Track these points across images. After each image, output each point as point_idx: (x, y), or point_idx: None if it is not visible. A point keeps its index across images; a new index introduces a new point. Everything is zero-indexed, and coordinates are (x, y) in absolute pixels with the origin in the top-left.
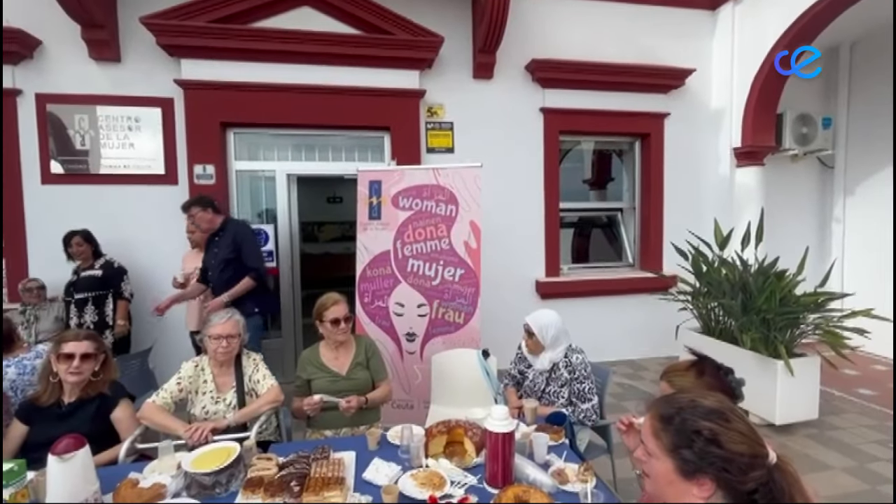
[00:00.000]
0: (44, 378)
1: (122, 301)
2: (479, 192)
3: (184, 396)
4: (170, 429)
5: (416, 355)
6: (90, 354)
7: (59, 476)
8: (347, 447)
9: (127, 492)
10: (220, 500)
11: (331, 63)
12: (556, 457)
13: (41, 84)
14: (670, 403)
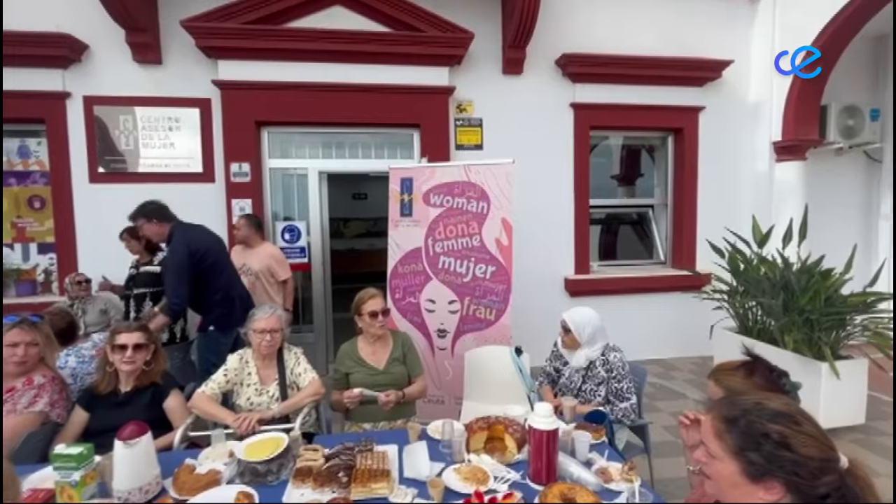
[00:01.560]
0: (101, 368)
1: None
2: (510, 189)
3: (230, 388)
4: (218, 418)
5: (447, 351)
6: (142, 345)
7: (124, 460)
8: (389, 440)
9: (185, 477)
10: (272, 488)
11: (361, 61)
12: (598, 455)
13: (88, 87)
14: (734, 405)
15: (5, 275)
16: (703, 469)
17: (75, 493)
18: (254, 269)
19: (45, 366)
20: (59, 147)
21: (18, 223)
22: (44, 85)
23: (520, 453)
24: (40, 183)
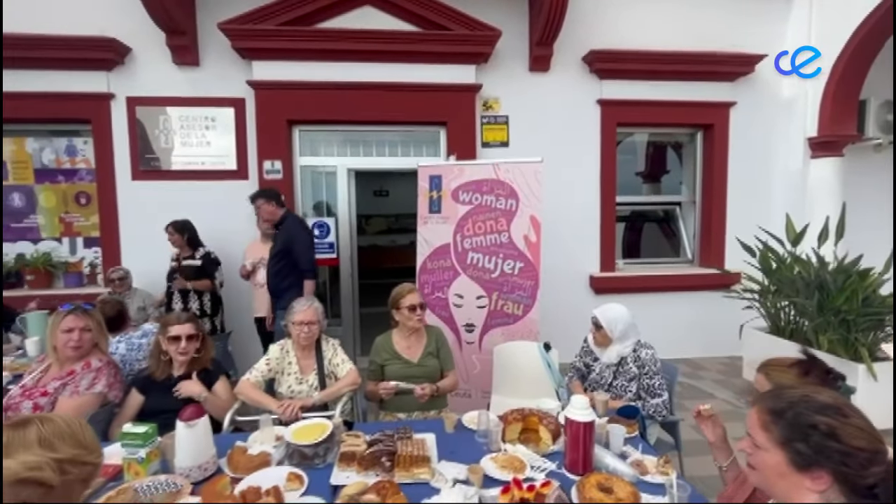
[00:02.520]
0: (155, 356)
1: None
2: (539, 187)
3: (272, 376)
4: (263, 404)
5: (475, 345)
6: (193, 335)
7: (185, 439)
8: (425, 429)
9: (239, 457)
10: (319, 470)
11: (390, 60)
12: (632, 448)
13: (131, 88)
14: (780, 397)
15: (55, 266)
16: (749, 461)
17: (141, 468)
18: None
19: (99, 350)
20: (104, 146)
21: (66, 218)
22: (89, 87)
23: (554, 444)
24: (86, 180)
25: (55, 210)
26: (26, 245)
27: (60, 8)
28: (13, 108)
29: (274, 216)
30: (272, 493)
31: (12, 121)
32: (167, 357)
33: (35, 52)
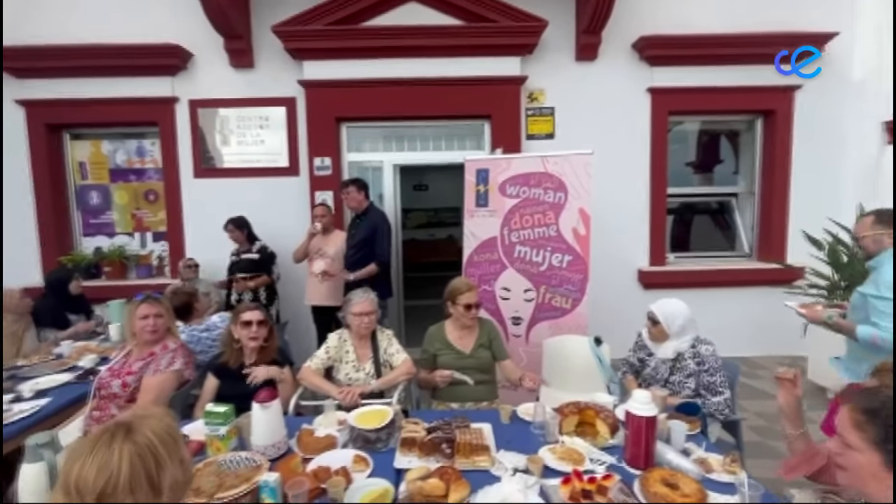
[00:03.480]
0: (228, 344)
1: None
2: (589, 180)
3: (331, 364)
4: (324, 390)
5: (522, 338)
6: (264, 321)
7: (260, 420)
8: (481, 419)
9: (307, 438)
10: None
11: (434, 55)
12: (695, 445)
13: (193, 91)
14: (874, 396)
15: (128, 259)
16: (837, 460)
17: (222, 444)
18: (329, 253)
19: (171, 334)
20: (169, 146)
21: (137, 214)
22: (156, 91)
23: (612, 438)
24: (154, 179)
25: (128, 207)
26: (103, 239)
27: (130, 18)
28: (91, 113)
29: (361, 205)
30: (341, 473)
31: (90, 125)
32: (239, 345)
33: (109, 60)
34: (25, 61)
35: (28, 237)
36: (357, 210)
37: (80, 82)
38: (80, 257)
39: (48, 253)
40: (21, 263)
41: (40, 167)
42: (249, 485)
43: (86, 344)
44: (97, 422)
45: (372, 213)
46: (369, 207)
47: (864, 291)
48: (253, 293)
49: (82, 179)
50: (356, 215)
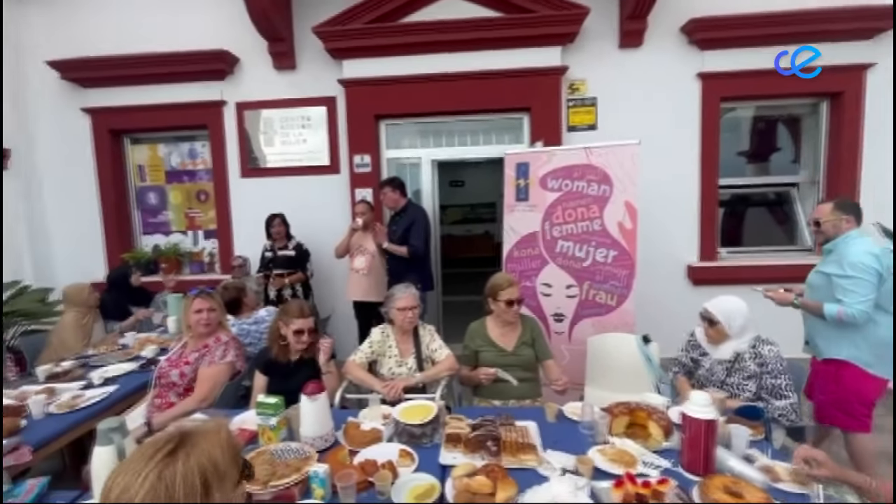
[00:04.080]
0: (275, 341)
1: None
2: (636, 171)
3: (374, 358)
4: (368, 383)
5: (564, 336)
6: (314, 329)
7: (309, 412)
8: (525, 417)
9: (354, 431)
10: (426, 449)
11: (473, 48)
12: (758, 452)
13: (239, 94)
14: None
15: (183, 256)
16: None
17: (273, 434)
18: (370, 249)
19: (223, 327)
20: (218, 148)
21: (189, 213)
22: (206, 96)
23: (666, 441)
24: (205, 179)
25: (181, 206)
26: (160, 237)
27: (181, 28)
28: (148, 118)
29: (397, 204)
30: (387, 467)
31: (148, 130)
32: (285, 342)
33: (163, 68)
34: (88, 72)
35: (95, 236)
36: (395, 209)
37: (137, 90)
38: (140, 254)
39: (112, 250)
40: (89, 260)
41: (105, 171)
42: (300, 475)
43: (147, 335)
44: (158, 409)
45: (410, 210)
46: (407, 204)
47: (827, 271)
48: (291, 289)
49: (141, 181)
50: (395, 213)
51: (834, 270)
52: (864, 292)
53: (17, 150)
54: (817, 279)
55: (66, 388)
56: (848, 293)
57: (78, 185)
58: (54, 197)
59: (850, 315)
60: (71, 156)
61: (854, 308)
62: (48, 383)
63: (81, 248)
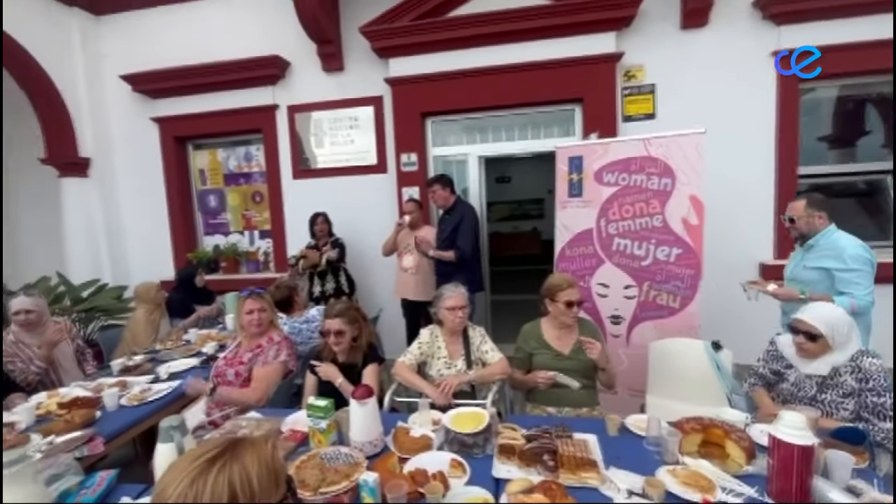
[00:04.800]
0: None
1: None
2: (701, 163)
3: (423, 359)
4: (418, 386)
5: (622, 339)
6: (342, 331)
7: (358, 416)
8: (583, 428)
9: (403, 437)
10: (478, 459)
11: (521, 39)
12: (864, 483)
13: (290, 97)
14: None
15: (240, 255)
16: None
17: (323, 437)
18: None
19: (274, 326)
20: (272, 150)
21: (246, 214)
22: (259, 101)
23: (749, 465)
24: (259, 181)
25: (239, 208)
26: (220, 238)
27: (235, 36)
28: (208, 124)
29: (447, 202)
30: (438, 478)
31: (208, 136)
32: None
33: (220, 76)
34: (156, 83)
35: (163, 237)
36: (444, 206)
37: (198, 98)
38: (202, 254)
39: (179, 251)
40: (158, 260)
41: (171, 176)
42: (350, 482)
43: (208, 332)
44: (217, 405)
45: (459, 207)
46: (456, 202)
47: (827, 266)
48: (335, 283)
49: (202, 185)
50: (444, 211)
51: (834, 265)
52: (868, 284)
53: (97, 159)
54: (811, 274)
55: (136, 382)
56: (854, 286)
57: (148, 190)
58: (129, 201)
59: (861, 307)
60: (142, 163)
61: (864, 300)
62: (121, 376)
63: (152, 249)
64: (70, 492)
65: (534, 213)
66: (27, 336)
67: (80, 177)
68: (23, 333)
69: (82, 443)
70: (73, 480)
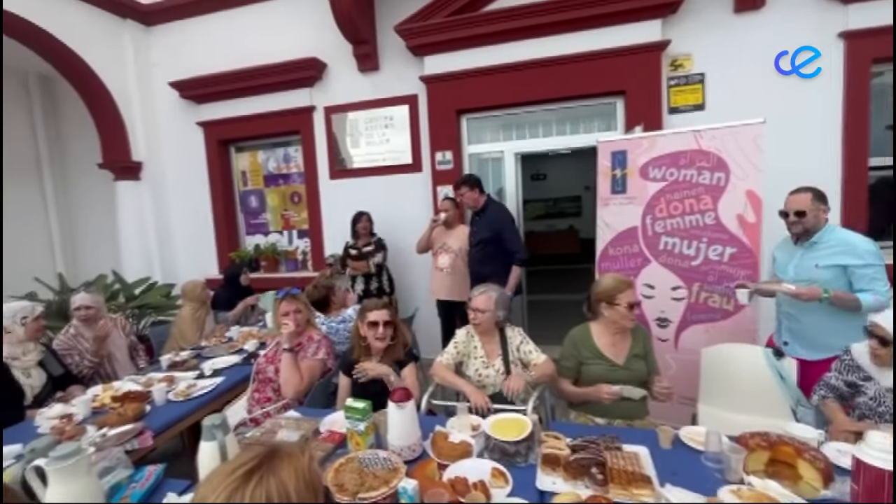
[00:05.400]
0: (356, 342)
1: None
2: (759, 156)
3: (460, 359)
4: (457, 386)
5: (670, 343)
6: (390, 321)
7: (396, 419)
8: (632, 440)
9: (442, 443)
10: (520, 469)
11: (560, 32)
12: None
13: (327, 99)
14: None
15: (279, 254)
16: None
17: (361, 440)
18: (453, 247)
19: (312, 326)
20: (310, 151)
21: (285, 214)
22: (297, 102)
23: (826, 489)
24: (298, 182)
25: (278, 208)
26: (260, 237)
27: (274, 41)
28: (249, 127)
29: (477, 203)
30: (480, 488)
31: (249, 138)
32: (366, 342)
33: (260, 80)
34: (201, 89)
35: (208, 237)
36: (475, 208)
37: (240, 102)
38: (244, 253)
39: (222, 250)
40: (203, 259)
41: (215, 178)
42: (389, 488)
43: (250, 330)
44: (257, 403)
45: (491, 209)
46: (487, 202)
47: (844, 263)
48: (377, 283)
49: (244, 186)
50: (475, 212)
51: (852, 261)
52: (885, 279)
53: (148, 163)
54: (825, 273)
55: (182, 377)
56: (874, 281)
57: (194, 192)
58: (177, 203)
59: (883, 303)
60: (188, 166)
61: (886, 295)
62: (169, 372)
63: (197, 248)
64: (121, 485)
65: (570, 211)
66: (86, 330)
67: (132, 180)
68: (82, 327)
69: (133, 436)
70: (123, 474)
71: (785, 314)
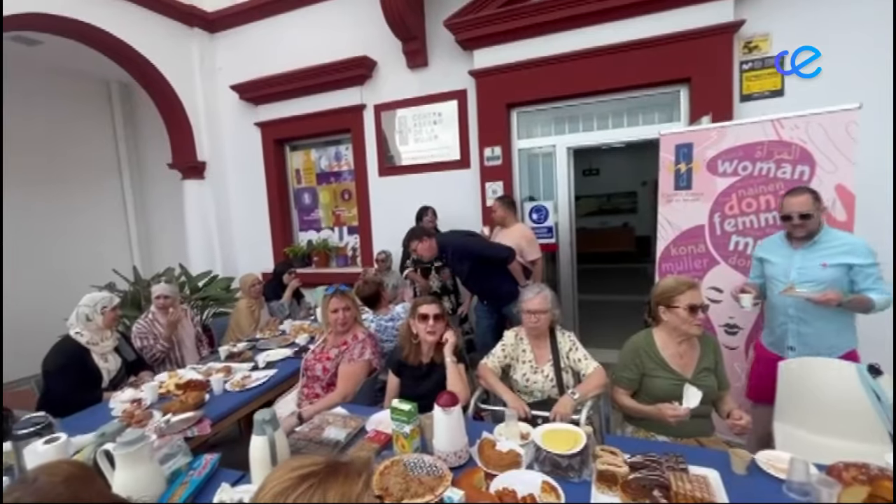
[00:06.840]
0: (406, 339)
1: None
2: (852, 147)
3: (507, 363)
4: (498, 392)
5: (739, 351)
6: (440, 315)
7: (442, 423)
8: (701, 460)
9: (490, 451)
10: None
11: (618, 17)
12: None
13: (376, 97)
14: None
15: (330, 250)
16: None
17: (407, 442)
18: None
19: (358, 324)
20: (360, 149)
21: (336, 211)
22: (348, 101)
23: None
24: (348, 179)
25: (329, 205)
26: (313, 233)
27: (325, 41)
28: (303, 127)
29: (434, 250)
30: (529, 502)
31: (303, 137)
32: (417, 341)
33: (313, 80)
34: (258, 91)
35: (264, 233)
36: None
37: (294, 102)
38: (298, 249)
39: (277, 245)
40: (259, 254)
41: (271, 176)
42: (434, 497)
43: (301, 323)
44: (306, 398)
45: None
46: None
47: (851, 262)
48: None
49: (298, 184)
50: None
51: (857, 260)
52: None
53: (211, 163)
54: (831, 273)
55: (238, 368)
56: (879, 280)
57: (252, 190)
58: (236, 200)
59: (890, 301)
60: (247, 165)
61: (889, 293)
62: (227, 362)
63: (254, 243)
64: (180, 471)
65: (625, 208)
66: (162, 317)
67: (198, 179)
68: (159, 314)
69: (193, 423)
70: (183, 461)
71: (794, 318)
